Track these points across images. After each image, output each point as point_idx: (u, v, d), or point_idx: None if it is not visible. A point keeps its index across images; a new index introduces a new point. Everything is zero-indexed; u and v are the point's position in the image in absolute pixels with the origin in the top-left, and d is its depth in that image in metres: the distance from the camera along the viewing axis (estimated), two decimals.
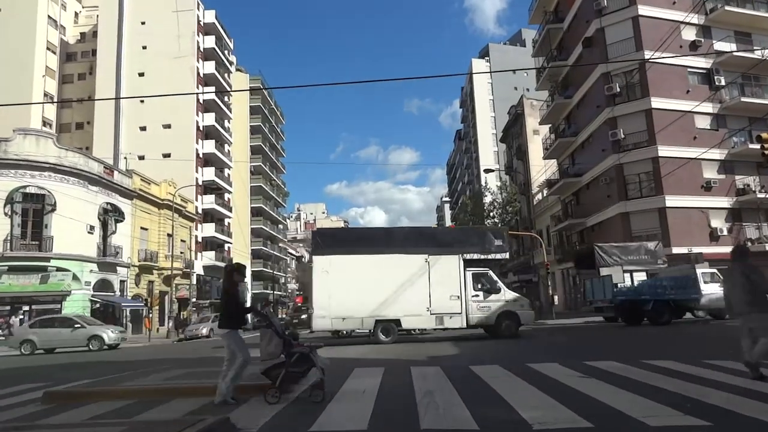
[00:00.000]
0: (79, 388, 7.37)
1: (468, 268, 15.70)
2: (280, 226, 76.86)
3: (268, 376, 5.74)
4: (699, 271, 17.49)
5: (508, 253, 17.10)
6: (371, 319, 15.19)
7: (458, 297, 15.35)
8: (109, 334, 21.72)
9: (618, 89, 28.90)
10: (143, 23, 49.49)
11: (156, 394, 6.71)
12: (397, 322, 15.32)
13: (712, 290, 16.78)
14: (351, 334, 17.70)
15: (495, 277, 16.11)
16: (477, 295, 15.52)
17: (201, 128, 50.25)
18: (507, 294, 16.11)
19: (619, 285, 18.80)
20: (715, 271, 17.60)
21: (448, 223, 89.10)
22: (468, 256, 15.82)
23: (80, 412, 5.92)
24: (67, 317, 23.42)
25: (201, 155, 49.64)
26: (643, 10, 28.93)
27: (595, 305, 20.07)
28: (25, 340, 21.09)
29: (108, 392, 6.89)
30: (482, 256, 16.13)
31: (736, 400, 4.83)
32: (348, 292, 14.96)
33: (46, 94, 47.37)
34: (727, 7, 29.31)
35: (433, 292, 15.28)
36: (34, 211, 28.03)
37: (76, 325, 21.64)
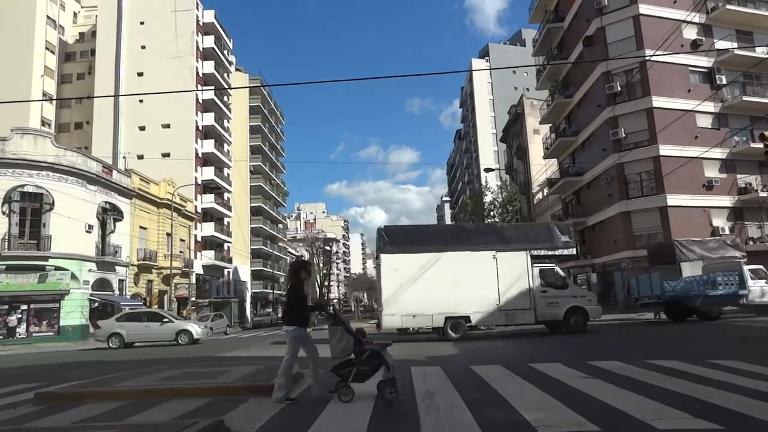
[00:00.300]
0: (71, 389, 7.22)
1: (535, 264, 15.64)
2: (280, 226, 76.73)
3: (338, 373, 5.75)
4: (746, 267, 17.48)
5: (575, 249, 16.98)
6: (441, 316, 15.10)
7: (527, 293, 15.28)
8: (196, 328, 22.04)
9: (619, 88, 28.78)
10: (142, 23, 49.31)
11: (150, 396, 6.55)
12: (467, 318, 15.23)
13: (758, 286, 16.81)
14: (417, 331, 17.53)
15: (562, 273, 16.04)
16: (545, 291, 15.42)
17: (200, 128, 50.09)
18: (574, 289, 16.01)
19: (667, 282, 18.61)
20: (761, 267, 17.68)
21: (448, 222, 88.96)
22: (535, 252, 15.77)
23: (71, 414, 5.78)
24: (153, 311, 23.68)
25: (200, 155, 49.49)
26: (644, 8, 28.81)
27: (642, 302, 19.99)
28: (113, 333, 21.08)
29: (101, 393, 6.73)
30: (549, 252, 16.07)
31: (746, 402, 4.69)
32: (417, 289, 14.93)
33: (44, 94, 47.11)
34: (728, 6, 29.18)
35: (501, 288, 15.21)
36: (32, 210, 27.87)
37: (164, 320, 21.78)
